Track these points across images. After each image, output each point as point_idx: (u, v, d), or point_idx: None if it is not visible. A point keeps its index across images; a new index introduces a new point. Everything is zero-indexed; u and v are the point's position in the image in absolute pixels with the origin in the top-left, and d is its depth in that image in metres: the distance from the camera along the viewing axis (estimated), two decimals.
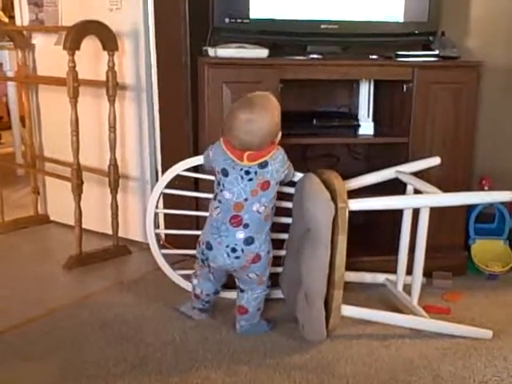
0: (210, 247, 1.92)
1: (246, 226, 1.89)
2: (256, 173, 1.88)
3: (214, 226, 1.92)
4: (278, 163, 1.91)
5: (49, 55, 2.88)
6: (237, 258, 1.89)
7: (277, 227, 2.12)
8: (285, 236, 2.17)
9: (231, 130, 1.88)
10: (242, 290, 2.01)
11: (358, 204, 1.95)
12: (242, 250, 1.89)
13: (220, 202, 1.92)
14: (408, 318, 2.06)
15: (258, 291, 1.99)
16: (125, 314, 2.12)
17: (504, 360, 1.86)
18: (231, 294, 2.13)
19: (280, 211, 2.16)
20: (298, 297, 1.94)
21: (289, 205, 2.14)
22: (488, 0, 2.66)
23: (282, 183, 2.03)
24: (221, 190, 1.92)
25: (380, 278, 2.35)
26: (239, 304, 2.01)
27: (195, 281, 2.06)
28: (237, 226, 1.89)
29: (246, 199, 1.89)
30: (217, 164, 1.93)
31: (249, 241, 1.89)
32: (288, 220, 2.15)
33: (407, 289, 2.16)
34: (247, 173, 1.88)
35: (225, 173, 1.90)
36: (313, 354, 1.88)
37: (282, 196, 2.16)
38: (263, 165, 1.88)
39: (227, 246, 1.89)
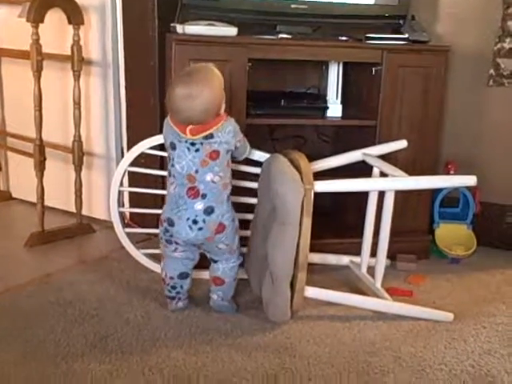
0: (171, 223, 1.89)
1: (204, 196, 1.86)
2: (202, 143, 1.84)
3: (173, 201, 1.89)
4: (227, 134, 1.86)
5: (12, 27, 2.80)
6: (200, 229, 1.87)
7: (242, 208, 2.11)
8: (250, 216, 2.15)
9: (170, 105, 1.84)
10: (215, 261, 1.99)
11: (323, 186, 1.94)
12: (204, 221, 1.86)
13: (174, 176, 1.89)
14: (371, 300, 2.07)
15: (233, 261, 1.98)
16: (86, 293, 2.09)
17: (464, 342, 1.88)
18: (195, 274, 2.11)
19: (245, 191, 2.15)
20: (263, 277, 1.94)
21: (254, 185, 2.13)
22: None
23: (236, 159, 2.00)
24: (172, 165, 1.89)
25: (344, 259, 2.36)
26: (215, 275, 1.99)
27: (161, 264, 2.02)
28: (194, 197, 1.86)
29: (196, 171, 1.85)
30: (167, 138, 1.90)
31: (208, 210, 1.86)
32: (253, 200, 2.14)
33: (371, 271, 2.17)
34: (193, 144, 1.84)
35: (173, 146, 1.87)
36: (275, 334, 1.88)
37: (247, 176, 2.15)
38: (208, 137, 1.84)
39: (188, 219, 1.86)
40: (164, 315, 1.96)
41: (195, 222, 1.86)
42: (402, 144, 2.30)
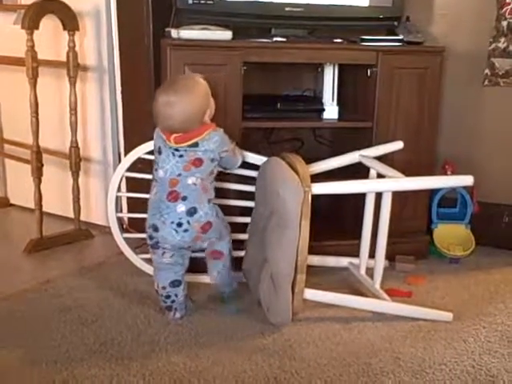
0: (155, 229, 1.89)
1: (184, 198, 1.87)
2: (186, 151, 1.87)
3: (155, 206, 1.90)
4: (213, 144, 1.88)
5: (7, 34, 2.80)
6: (185, 231, 1.87)
7: (239, 211, 2.11)
8: (247, 220, 2.15)
9: (153, 112, 1.87)
10: None
11: (320, 188, 1.94)
12: (188, 222, 1.87)
13: (156, 181, 1.91)
14: (370, 301, 2.07)
15: (228, 238, 2.00)
16: (86, 299, 2.09)
17: (464, 342, 1.88)
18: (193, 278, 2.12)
19: (242, 195, 2.15)
20: (263, 280, 1.93)
21: (251, 188, 2.13)
22: None
23: (226, 170, 2.03)
24: (156, 170, 1.91)
25: (343, 261, 2.36)
26: (214, 249, 1.99)
27: (153, 274, 2.01)
28: (175, 200, 1.87)
29: (179, 174, 1.87)
30: (156, 143, 1.94)
31: (191, 211, 1.87)
32: (250, 203, 2.14)
33: (370, 272, 2.17)
34: (177, 150, 1.87)
35: (159, 151, 1.90)
36: (275, 337, 1.88)
37: (243, 179, 2.15)
38: (193, 145, 1.87)
39: (172, 223, 1.87)
40: (163, 320, 1.96)
41: (180, 224, 1.87)
42: (398, 145, 2.31)
